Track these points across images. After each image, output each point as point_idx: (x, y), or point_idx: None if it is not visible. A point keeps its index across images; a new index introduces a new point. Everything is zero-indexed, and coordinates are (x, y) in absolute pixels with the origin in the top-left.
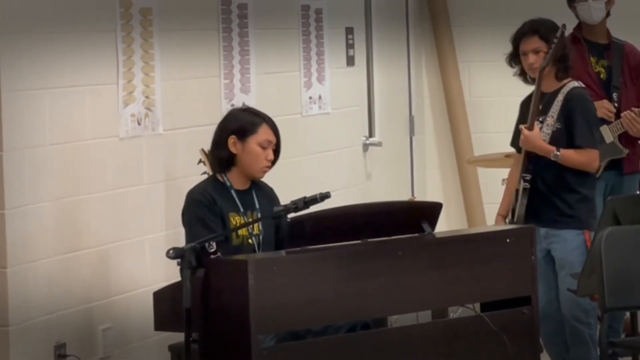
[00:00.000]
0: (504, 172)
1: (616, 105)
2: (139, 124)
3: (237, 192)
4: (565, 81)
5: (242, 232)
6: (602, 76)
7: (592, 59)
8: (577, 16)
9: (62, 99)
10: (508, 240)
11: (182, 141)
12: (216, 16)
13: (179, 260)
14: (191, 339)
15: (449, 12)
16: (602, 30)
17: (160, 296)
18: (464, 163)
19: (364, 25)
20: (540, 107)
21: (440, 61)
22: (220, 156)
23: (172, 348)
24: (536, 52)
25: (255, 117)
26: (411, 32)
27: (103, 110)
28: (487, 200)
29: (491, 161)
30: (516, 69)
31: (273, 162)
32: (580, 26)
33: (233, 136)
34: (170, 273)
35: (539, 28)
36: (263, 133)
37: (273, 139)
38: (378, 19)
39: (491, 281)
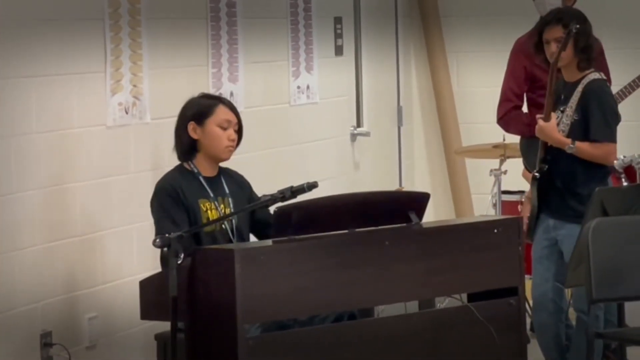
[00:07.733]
0: (492, 163)
1: None
2: (127, 112)
3: (206, 178)
4: (586, 72)
5: (213, 217)
6: None
7: None
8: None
9: (50, 87)
10: (495, 231)
11: (170, 130)
12: (204, 5)
13: (166, 248)
14: (177, 328)
15: (438, 1)
16: None
17: (147, 285)
18: (452, 153)
19: (352, 14)
20: (563, 97)
21: (429, 51)
22: (182, 144)
23: (158, 337)
24: (558, 41)
25: (211, 100)
26: (400, 22)
27: (90, 99)
28: (475, 191)
29: (479, 152)
30: (541, 58)
31: (237, 143)
32: None
33: (192, 122)
34: (156, 262)
35: (563, 17)
36: (221, 113)
37: (232, 118)
38: (367, 9)
39: (478, 272)
